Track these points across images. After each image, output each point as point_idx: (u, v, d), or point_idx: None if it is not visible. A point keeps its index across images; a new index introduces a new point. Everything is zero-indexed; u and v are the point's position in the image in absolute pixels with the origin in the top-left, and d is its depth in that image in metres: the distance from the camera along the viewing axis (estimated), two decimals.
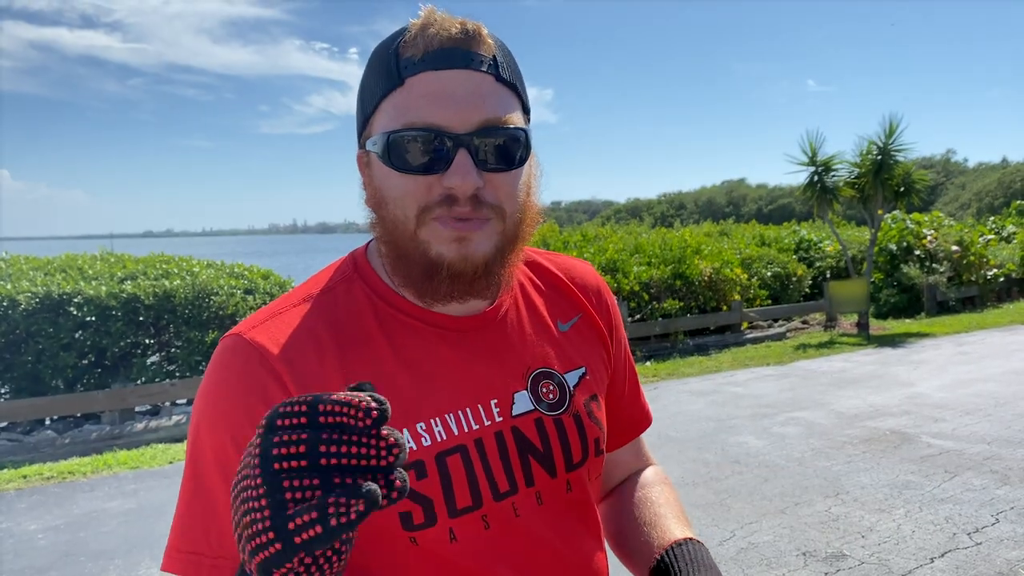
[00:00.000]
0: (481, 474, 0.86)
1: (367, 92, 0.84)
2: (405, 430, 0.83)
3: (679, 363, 9.81)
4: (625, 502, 1.06)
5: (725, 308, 11.95)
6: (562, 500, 0.93)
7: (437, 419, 0.85)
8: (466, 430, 0.86)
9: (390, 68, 0.80)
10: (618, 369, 1.08)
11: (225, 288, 8.57)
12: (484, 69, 0.81)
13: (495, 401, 0.89)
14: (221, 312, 8.40)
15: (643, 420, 1.14)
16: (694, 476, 5.19)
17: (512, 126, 0.82)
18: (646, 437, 1.19)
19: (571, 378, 0.96)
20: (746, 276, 12.52)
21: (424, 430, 0.84)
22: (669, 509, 1.03)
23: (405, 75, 0.79)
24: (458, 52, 0.79)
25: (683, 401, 7.46)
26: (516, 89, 0.85)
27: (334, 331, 0.85)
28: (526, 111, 0.88)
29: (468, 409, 0.87)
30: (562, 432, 0.93)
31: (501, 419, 0.89)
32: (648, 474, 1.12)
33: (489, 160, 0.81)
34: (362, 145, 0.86)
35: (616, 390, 1.08)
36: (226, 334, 0.86)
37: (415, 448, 0.83)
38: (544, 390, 0.93)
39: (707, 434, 6.26)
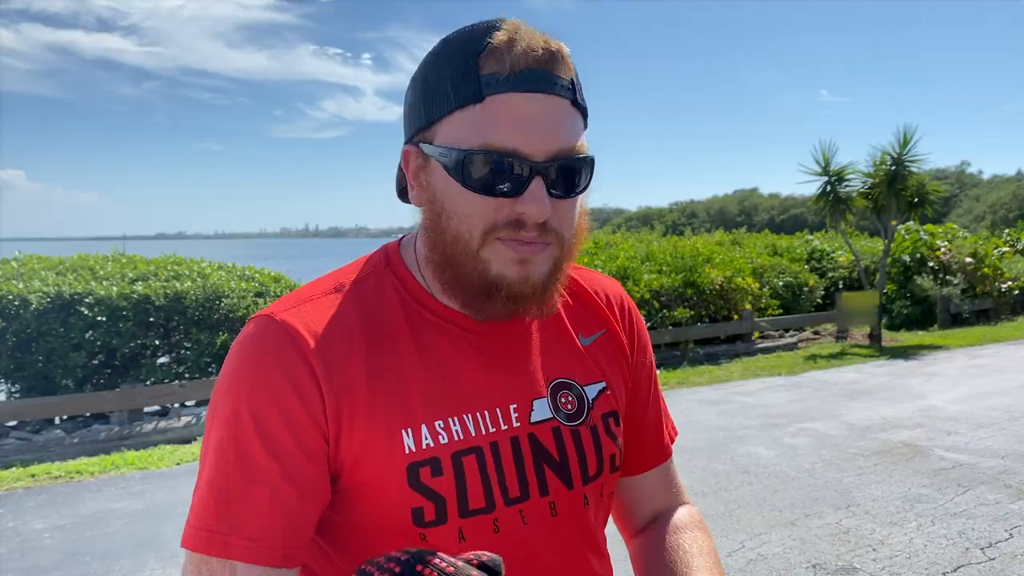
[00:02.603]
0: (494, 477, 0.85)
1: (435, 94, 0.81)
2: (424, 426, 0.83)
3: (689, 372, 9.76)
4: (656, 545, 1.00)
5: (736, 317, 11.89)
6: (578, 514, 0.91)
7: (455, 418, 0.85)
8: (483, 432, 0.86)
9: (469, 79, 0.78)
10: (640, 390, 1.06)
11: (236, 291, 8.59)
12: (563, 94, 0.80)
13: (514, 406, 0.89)
14: (231, 315, 8.42)
15: (666, 449, 1.09)
16: (703, 486, 5.14)
17: (582, 155, 0.82)
18: None
19: (591, 391, 0.96)
20: (757, 285, 12.46)
21: (442, 428, 0.83)
22: (703, 560, 0.96)
23: (486, 92, 0.77)
24: (543, 75, 0.78)
25: (693, 410, 7.41)
26: (586, 112, 0.85)
27: (363, 323, 0.85)
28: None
29: (487, 411, 0.87)
30: (579, 443, 0.92)
31: (519, 424, 0.88)
32: (681, 515, 1.05)
33: (558, 187, 0.81)
34: (415, 142, 0.84)
35: (638, 412, 1.06)
36: (256, 314, 0.85)
37: (432, 445, 0.82)
38: (563, 400, 0.92)
39: (717, 444, 6.22)
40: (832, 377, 9.21)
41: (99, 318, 7.67)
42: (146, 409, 7.76)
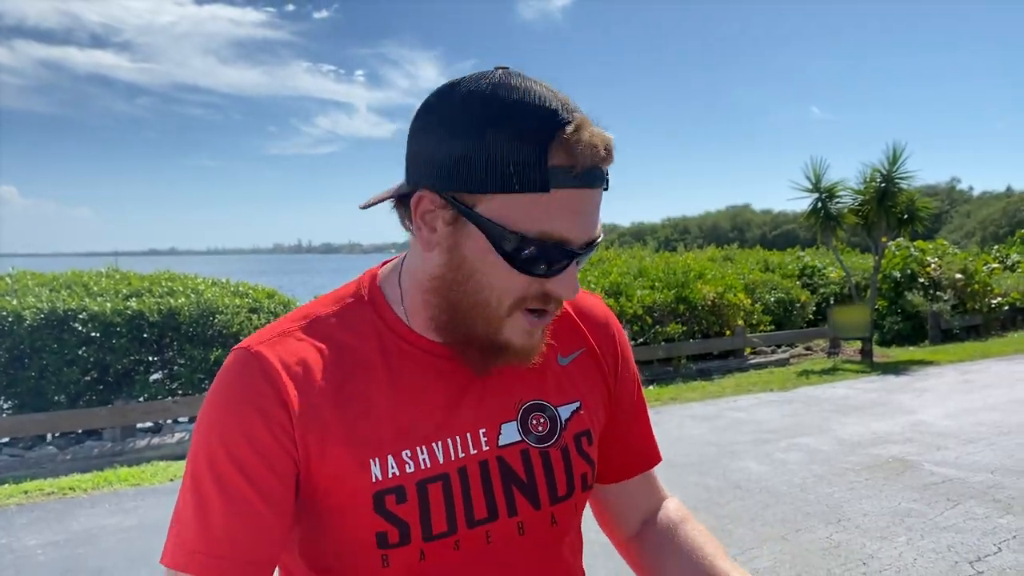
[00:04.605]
0: (459, 501, 0.88)
1: (494, 167, 0.78)
2: (390, 456, 0.86)
3: (681, 388, 9.79)
4: (665, 544, 1.05)
5: (728, 333, 11.94)
6: (546, 533, 0.95)
7: (423, 447, 0.87)
8: (452, 458, 0.89)
9: (537, 169, 0.77)
10: (623, 402, 1.08)
11: (230, 307, 8.61)
12: (605, 187, 0.83)
13: (483, 431, 0.91)
14: (225, 331, 8.43)
15: (653, 456, 1.13)
16: (695, 501, 5.17)
17: (603, 234, 0.87)
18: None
19: (564, 412, 0.97)
20: (749, 301, 12.52)
21: (409, 457, 0.86)
22: (714, 548, 1.02)
23: (552, 186, 0.77)
24: (599, 172, 0.81)
25: (685, 426, 7.44)
26: None
27: (335, 354, 0.88)
28: None
29: (457, 437, 0.90)
30: (547, 464, 0.94)
31: (488, 448, 0.91)
32: (672, 510, 1.10)
33: (581, 265, 0.86)
34: (440, 191, 0.81)
35: (624, 421, 1.08)
36: (236, 346, 0.89)
37: (398, 474, 0.86)
38: (534, 422, 0.95)
39: (709, 459, 6.24)
40: (824, 393, 9.26)
41: (93, 334, 7.68)
42: (139, 425, 7.75)
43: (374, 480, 0.85)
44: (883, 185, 11.84)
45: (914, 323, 14.46)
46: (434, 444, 0.88)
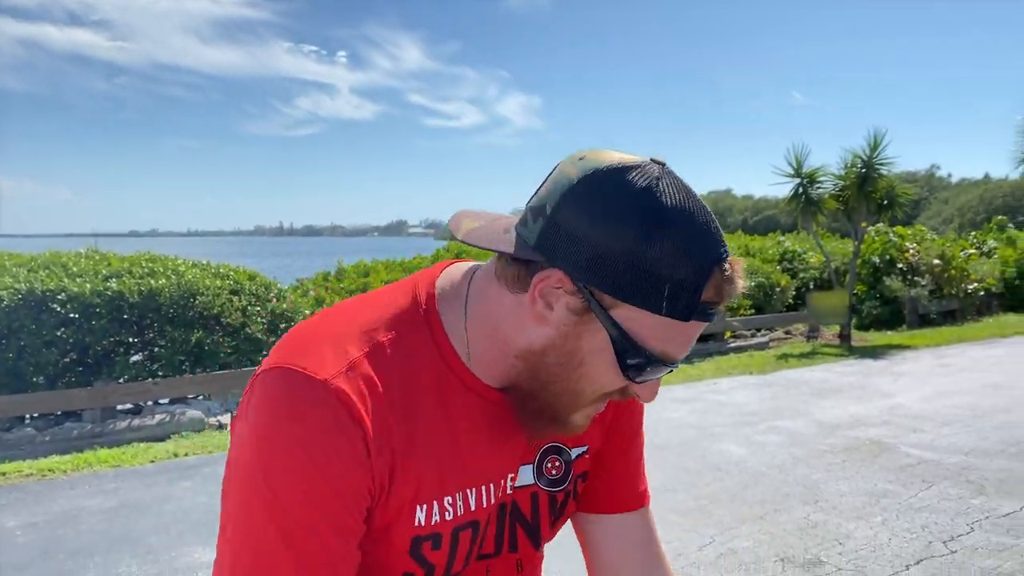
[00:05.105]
0: (479, 543, 0.91)
1: (646, 283, 0.74)
2: (435, 502, 0.85)
3: None
4: None
5: None
6: (536, 568, 1.00)
7: (461, 492, 0.87)
8: (484, 505, 0.89)
9: (687, 303, 0.76)
10: (623, 432, 1.06)
11: (211, 288, 8.55)
12: None
13: (511, 476, 0.92)
14: (206, 312, 8.37)
15: (641, 495, 1.08)
16: (675, 482, 5.22)
17: None
18: None
19: (575, 453, 0.99)
20: None
21: (450, 504, 0.86)
22: None
23: (693, 317, 0.76)
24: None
25: (666, 408, 7.50)
26: None
27: (399, 391, 0.82)
28: None
29: (491, 484, 0.90)
30: (553, 507, 0.97)
31: (511, 492, 0.93)
32: None
33: None
34: (577, 279, 0.76)
35: (618, 455, 1.06)
36: (302, 372, 0.78)
37: (439, 521, 0.85)
38: (549, 465, 0.96)
39: (689, 441, 6.30)
40: (802, 376, 9.36)
41: (72, 315, 7.60)
42: (119, 407, 7.70)
43: (417, 524, 0.84)
44: (863, 171, 11.92)
45: (892, 308, 14.60)
46: (470, 490, 0.88)
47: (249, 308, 8.83)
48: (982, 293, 15.87)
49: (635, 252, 0.73)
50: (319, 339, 0.82)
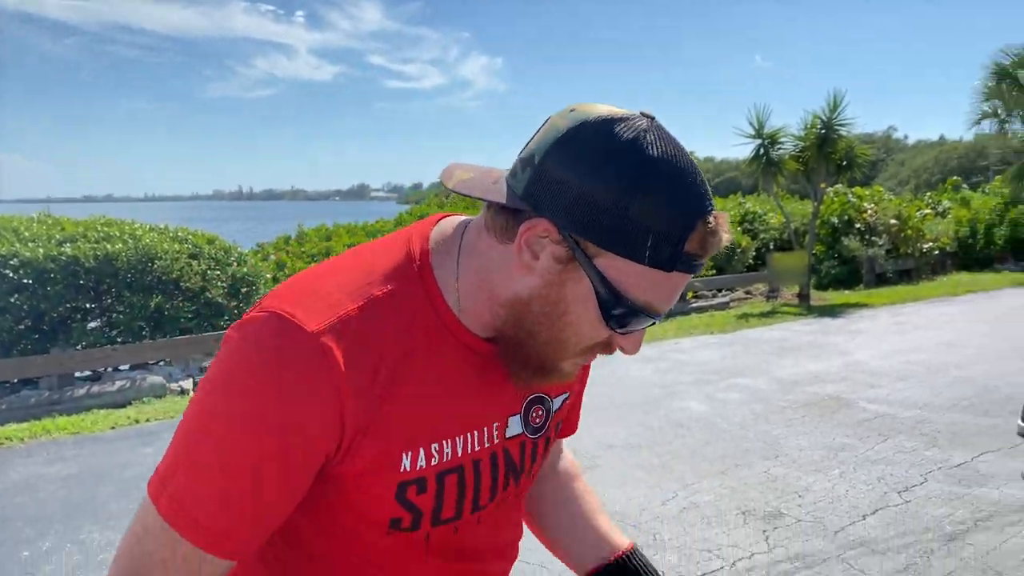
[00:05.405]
0: (469, 491, 0.92)
1: (631, 234, 0.75)
2: (421, 449, 0.86)
3: None
4: (559, 493, 1.20)
5: None
6: (517, 499, 1.04)
7: (449, 440, 0.88)
8: (469, 451, 0.91)
9: (671, 252, 0.76)
10: (584, 373, 1.14)
11: (169, 252, 8.40)
12: None
13: (496, 424, 0.94)
14: (164, 276, 8.24)
15: (574, 428, 1.21)
16: (639, 439, 5.29)
17: None
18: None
19: (556, 402, 1.03)
20: None
21: (436, 450, 0.87)
22: (598, 504, 1.18)
23: (676, 268, 0.77)
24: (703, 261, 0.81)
25: (630, 367, 7.57)
26: None
27: (390, 344, 0.83)
28: None
29: (476, 431, 0.91)
30: (535, 452, 1.01)
31: (498, 440, 0.95)
32: (567, 465, 1.23)
33: None
34: (562, 227, 0.77)
35: (577, 395, 1.15)
36: (290, 319, 0.79)
37: (424, 467, 0.87)
38: (533, 414, 0.99)
39: (652, 399, 6.38)
40: (762, 335, 9.50)
41: (25, 281, 7.43)
42: (77, 374, 7.58)
43: (402, 470, 0.85)
44: (823, 132, 12.03)
45: (850, 267, 14.86)
46: (458, 438, 0.89)
47: (209, 272, 8.70)
48: (937, 252, 16.21)
49: (620, 202, 0.74)
50: (314, 290, 0.84)
